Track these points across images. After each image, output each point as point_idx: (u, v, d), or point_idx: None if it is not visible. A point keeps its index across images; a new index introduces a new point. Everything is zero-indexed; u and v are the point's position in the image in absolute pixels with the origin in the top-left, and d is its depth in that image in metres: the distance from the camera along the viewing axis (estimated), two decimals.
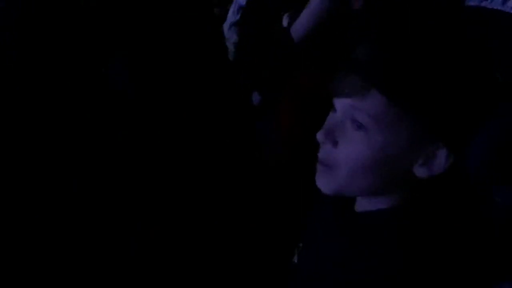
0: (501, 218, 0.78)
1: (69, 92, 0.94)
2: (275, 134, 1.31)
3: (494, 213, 0.78)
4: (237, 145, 1.11)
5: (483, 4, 0.93)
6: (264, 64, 1.52)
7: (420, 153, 0.67)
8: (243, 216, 1.07)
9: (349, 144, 0.69)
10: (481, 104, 0.67)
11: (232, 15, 1.74)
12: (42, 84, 0.93)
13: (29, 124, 0.93)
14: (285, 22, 1.65)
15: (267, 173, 1.12)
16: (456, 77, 0.65)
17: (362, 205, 0.75)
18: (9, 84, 0.92)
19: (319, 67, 1.28)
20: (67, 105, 0.94)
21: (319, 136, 0.72)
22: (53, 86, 0.93)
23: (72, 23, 0.94)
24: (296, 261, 0.86)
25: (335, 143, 0.70)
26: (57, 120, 0.93)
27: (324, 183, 0.73)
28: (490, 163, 0.79)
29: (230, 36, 1.70)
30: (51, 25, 0.93)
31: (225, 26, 1.71)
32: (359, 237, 0.72)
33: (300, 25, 1.42)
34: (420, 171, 0.68)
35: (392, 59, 0.65)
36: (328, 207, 0.82)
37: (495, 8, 0.91)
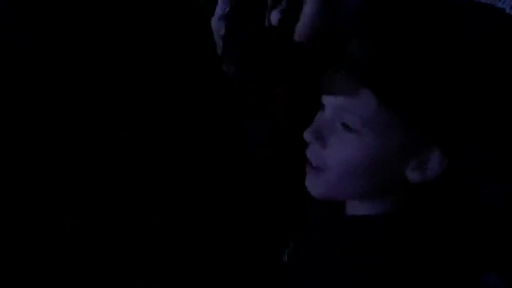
0: (489, 213, 0.78)
1: (63, 88, 0.93)
2: (269, 132, 1.30)
3: (483, 208, 0.77)
4: (230, 143, 1.10)
5: None
6: (254, 58, 1.50)
7: (412, 156, 0.67)
8: (235, 215, 1.07)
9: (338, 146, 0.69)
10: (476, 107, 0.65)
11: (220, 8, 1.71)
12: (38, 81, 0.92)
13: (24, 119, 0.92)
14: (273, 19, 1.61)
15: (259, 171, 1.11)
16: (452, 79, 0.64)
17: (353, 208, 0.75)
18: (5, 82, 0.92)
19: (314, 64, 1.26)
20: (62, 100, 0.93)
21: (307, 136, 0.70)
22: (48, 82, 0.92)
23: (66, 22, 0.93)
24: (286, 260, 0.86)
25: (323, 144, 0.70)
26: (51, 116, 0.93)
27: (313, 185, 0.73)
28: (481, 160, 0.78)
29: (219, 30, 1.67)
30: (48, 23, 0.93)
31: (214, 20, 1.68)
32: (347, 241, 0.73)
33: (303, 26, 1.39)
34: (412, 175, 0.68)
35: (385, 58, 0.65)
36: (319, 208, 0.81)
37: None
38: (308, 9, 1.39)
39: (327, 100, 0.70)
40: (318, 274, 0.74)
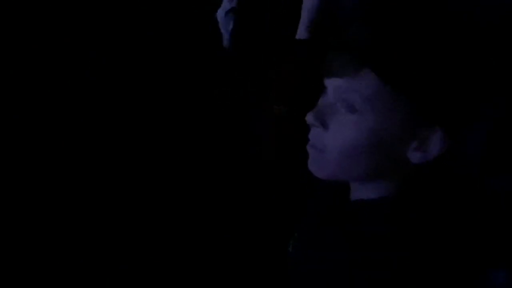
0: (496, 206, 0.77)
1: (63, 88, 0.93)
2: (271, 120, 1.29)
3: (490, 201, 0.76)
4: (232, 137, 1.10)
5: None
6: (260, 50, 1.50)
7: (414, 136, 0.65)
8: (240, 208, 1.06)
9: (339, 127, 0.67)
10: (478, 87, 0.64)
11: (227, 2, 1.71)
12: (39, 81, 0.92)
13: (24, 119, 0.92)
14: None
15: (262, 162, 1.10)
16: (451, 57, 0.62)
17: (357, 193, 0.73)
18: (5, 82, 0.92)
19: (315, 49, 1.25)
20: (62, 100, 0.93)
21: (309, 118, 0.69)
22: (48, 82, 0.92)
23: (66, 22, 0.93)
24: (291, 250, 0.85)
25: (325, 126, 0.68)
26: (51, 116, 0.93)
27: (316, 167, 0.71)
28: (487, 151, 0.77)
29: (226, 23, 1.67)
30: (48, 23, 0.93)
31: (220, 13, 1.68)
32: (353, 226, 0.70)
33: (302, 26, 1.39)
34: (414, 156, 0.66)
35: (385, 37, 0.62)
36: (323, 196, 0.80)
37: None
38: (307, 4, 1.39)
39: (328, 82, 0.68)
40: (324, 261, 0.73)
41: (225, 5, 1.81)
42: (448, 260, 0.65)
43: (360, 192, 0.73)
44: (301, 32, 1.41)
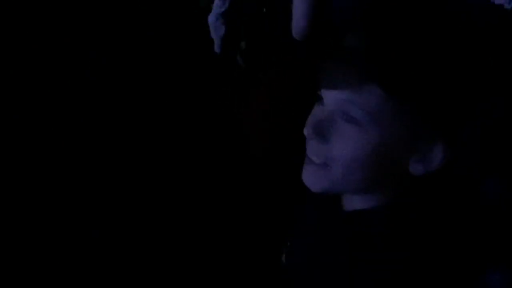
0: (489, 210, 0.77)
1: (63, 88, 0.92)
2: (258, 125, 1.28)
3: (482, 205, 0.77)
4: (221, 140, 1.09)
5: None
6: (253, 53, 1.49)
7: (416, 149, 0.65)
8: (231, 215, 1.05)
9: (342, 139, 0.65)
10: (479, 97, 0.65)
11: (218, 6, 1.70)
12: (39, 81, 0.91)
13: (24, 119, 0.91)
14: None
15: (252, 169, 1.10)
16: (456, 68, 0.62)
17: (351, 203, 0.73)
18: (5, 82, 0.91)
19: (305, 54, 1.25)
20: (62, 100, 0.92)
21: (307, 131, 0.68)
22: (48, 82, 0.91)
23: (66, 22, 0.93)
24: (284, 260, 0.84)
25: (324, 139, 0.67)
26: (51, 116, 0.92)
27: (314, 180, 0.70)
28: (478, 155, 0.78)
29: (217, 28, 1.66)
30: (48, 23, 0.92)
31: (211, 18, 1.68)
32: (349, 237, 0.70)
33: (296, 19, 1.37)
34: (415, 168, 0.66)
35: (390, 50, 0.61)
36: (315, 205, 0.79)
37: None
38: (296, 9, 1.37)
39: (327, 93, 0.67)
40: (318, 272, 0.73)
41: (216, 8, 1.80)
42: (447, 261, 0.65)
43: (355, 202, 0.72)
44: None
